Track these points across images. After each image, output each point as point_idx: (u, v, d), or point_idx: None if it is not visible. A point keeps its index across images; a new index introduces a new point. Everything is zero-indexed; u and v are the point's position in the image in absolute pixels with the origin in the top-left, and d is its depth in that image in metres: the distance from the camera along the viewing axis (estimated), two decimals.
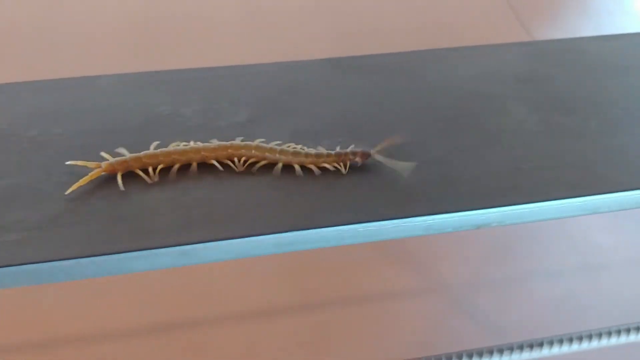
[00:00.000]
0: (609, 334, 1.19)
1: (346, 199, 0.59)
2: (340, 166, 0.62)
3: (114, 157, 0.60)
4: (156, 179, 0.60)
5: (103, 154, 0.61)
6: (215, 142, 0.62)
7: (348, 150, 0.63)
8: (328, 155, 0.62)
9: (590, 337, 1.18)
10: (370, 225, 0.57)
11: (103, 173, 0.59)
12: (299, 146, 0.63)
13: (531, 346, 1.18)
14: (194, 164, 0.61)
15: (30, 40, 1.94)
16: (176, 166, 0.61)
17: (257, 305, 1.28)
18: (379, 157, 0.62)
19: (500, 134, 0.68)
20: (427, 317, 1.28)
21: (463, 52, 0.84)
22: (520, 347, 1.17)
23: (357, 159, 0.62)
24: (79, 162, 0.60)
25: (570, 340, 1.18)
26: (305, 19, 2.10)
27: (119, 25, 2.03)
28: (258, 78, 0.76)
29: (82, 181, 0.58)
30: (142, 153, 0.61)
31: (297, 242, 0.57)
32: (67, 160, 0.60)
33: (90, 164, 0.60)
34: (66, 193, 0.58)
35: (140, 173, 0.60)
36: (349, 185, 0.61)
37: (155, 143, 0.62)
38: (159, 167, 0.60)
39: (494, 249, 1.42)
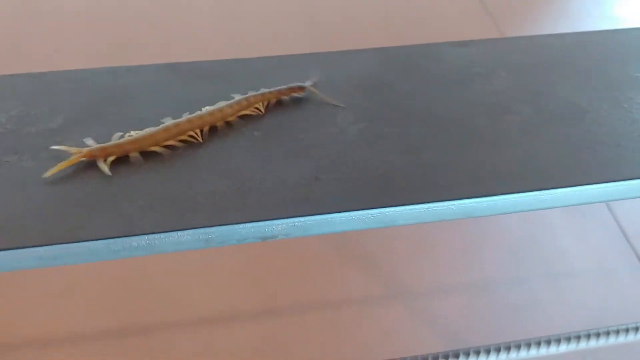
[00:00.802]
0: (568, 339, 1.18)
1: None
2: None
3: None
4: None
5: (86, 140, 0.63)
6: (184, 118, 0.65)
7: (286, 86, 0.70)
8: (270, 92, 0.69)
9: (549, 342, 1.18)
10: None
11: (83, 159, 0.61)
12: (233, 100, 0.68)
13: (488, 351, 1.17)
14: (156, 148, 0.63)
15: None
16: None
17: (215, 310, 1.27)
18: (313, 89, 0.70)
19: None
20: (386, 323, 1.27)
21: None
22: (477, 353, 1.16)
23: (296, 92, 0.70)
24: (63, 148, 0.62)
25: (529, 345, 1.18)
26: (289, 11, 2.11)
27: None
28: (84, 83, 0.74)
29: (61, 165, 0.60)
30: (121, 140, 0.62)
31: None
32: None
33: (71, 149, 0.62)
34: (45, 176, 0.59)
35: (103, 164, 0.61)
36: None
37: (119, 134, 0.64)
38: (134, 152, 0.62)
39: (458, 255, 1.42)
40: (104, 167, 0.60)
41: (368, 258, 1.39)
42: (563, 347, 1.17)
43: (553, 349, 1.16)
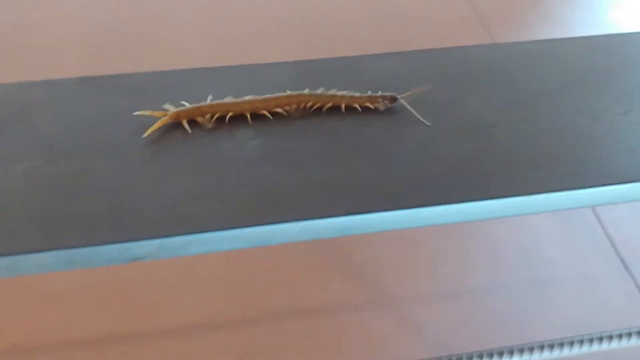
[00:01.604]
0: (552, 347, 1.18)
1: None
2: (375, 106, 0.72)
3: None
4: (211, 125, 0.68)
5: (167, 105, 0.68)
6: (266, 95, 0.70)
7: (378, 93, 0.72)
8: (360, 97, 0.71)
9: (532, 349, 1.18)
10: None
11: (170, 121, 0.67)
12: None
13: (471, 359, 1.17)
14: (248, 115, 0.69)
15: None
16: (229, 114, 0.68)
17: (197, 318, 1.28)
18: (404, 103, 0.72)
19: None
20: (370, 330, 1.27)
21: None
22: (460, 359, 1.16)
23: (386, 101, 0.72)
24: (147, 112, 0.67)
25: (511, 352, 1.18)
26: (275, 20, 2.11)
27: None
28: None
29: (155, 126, 0.66)
30: (201, 104, 0.68)
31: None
32: None
33: (156, 113, 0.67)
34: (143, 136, 0.65)
35: (200, 119, 0.68)
36: None
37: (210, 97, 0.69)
38: (216, 115, 0.68)
39: (443, 261, 1.42)
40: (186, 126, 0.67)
41: (352, 265, 1.39)
42: (547, 355, 1.17)
43: (536, 356, 1.17)
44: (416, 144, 0.68)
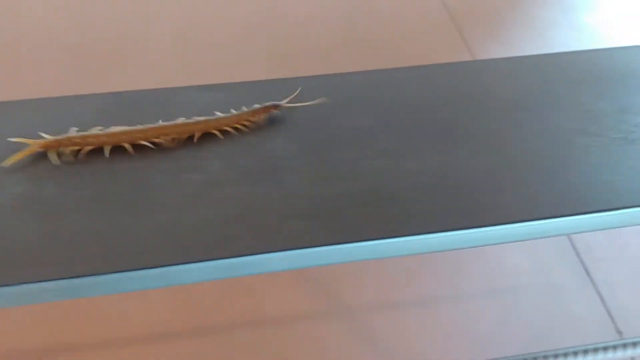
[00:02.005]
0: None
1: None
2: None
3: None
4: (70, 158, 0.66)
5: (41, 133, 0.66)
6: (140, 126, 0.68)
7: (259, 106, 0.70)
8: (247, 112, 0.69)
9: None
10: None
11: (39, 150, 0.66)
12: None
13: None
14: (127, 145, 0.67)
15: None
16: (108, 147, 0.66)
17: (149, 328, 1.25)
18: (289, 105, 0.70)
19: None
20: (325, 340, 1.24)
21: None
22: None
23: (270, 111, 0.70)
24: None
25: None
26: (245, 38, 2.08)
27: None
28: None
29: (19, 155, 0.65)
30: (71, 134, 0.66)
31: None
32: None
33: (28, 141, 0.66)
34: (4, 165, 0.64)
35: (67, 151, 0.66)
36: None
37: (75, 129, 0.67)
38: (86, 148, 0.66)
39: (402, 271, 1.39)
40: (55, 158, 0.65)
41: (309, 274, 1.36)
42: None
43: None
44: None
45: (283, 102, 0.71)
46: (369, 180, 0.63)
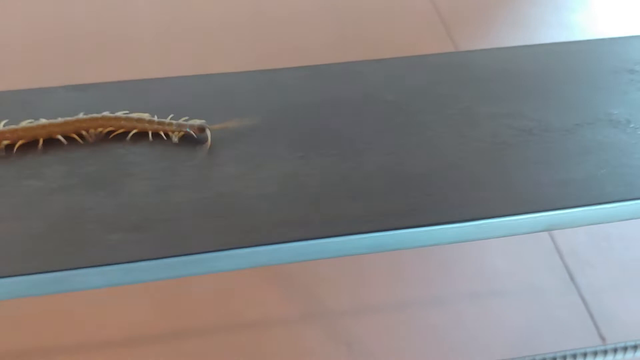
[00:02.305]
0: None
1: None
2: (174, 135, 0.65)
3: None
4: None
5: None
6: (61, 119, 0.65)
7: (187, 121, 0.65)
8: (169, 123, 0.65)
9: None
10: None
11: None
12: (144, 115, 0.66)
13: None
14: (41, 140, 0.63)
15: None
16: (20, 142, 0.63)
17: (124, 332, 1.22)
18: (213, 129, 0.65)
19: None
20: (302, 344, 1.21)
21: None
22: None
23: (194, 131, 0.65)
24: None
25: None
26: (226, 31, 2.05)
27: None
28: None
29: None
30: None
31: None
32: None
33: None
34: None
35: None
36: None
37: (4, 121, 0.64)
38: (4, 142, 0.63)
39: (380, 273, 1.35)
40: None
41: (287, 276, 1.33)
42: None
43: None
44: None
45: (214, 126, 0.66)
46: (215, 189, 0.59)
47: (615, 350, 1.05)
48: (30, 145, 0.64)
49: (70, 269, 0.51)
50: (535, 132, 0.68)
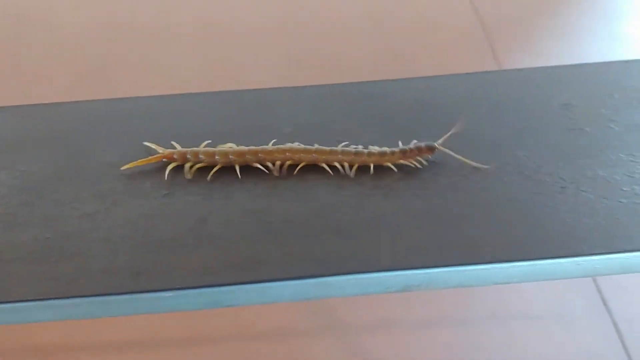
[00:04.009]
0: None
1: None
2: (411, 162, 0.62)
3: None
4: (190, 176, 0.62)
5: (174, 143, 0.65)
6: (271, 146, 0.63)
7: (412, 145, 0.62)
8: (392, 152, 0.61)
9: None
10: None
11: (164, 159, 0.64)
12: (353, 147, 0.63)
13: None
14: (237, 167, 0.62)
15: None
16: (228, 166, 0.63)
17: (139, 335, 1.20)
18: (445, 150, 0.61)
19: None
20: (314, 357, 1.17)
21: None
22: None
23: (424, 154, 0.62)
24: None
25: None
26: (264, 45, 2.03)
27: None
28: None
29: (140, 162, 0.63)
30: (201, 148, 0.64)
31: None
32: None
33: (158, 148, 0.64)
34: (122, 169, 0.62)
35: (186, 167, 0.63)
36: None
37: (206, 142, 0.64)
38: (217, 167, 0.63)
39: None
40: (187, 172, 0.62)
41: None
42: None
43: None
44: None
45: (437, 143, 0.62)
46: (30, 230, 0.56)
47: None
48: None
49: None
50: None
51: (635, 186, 0.58)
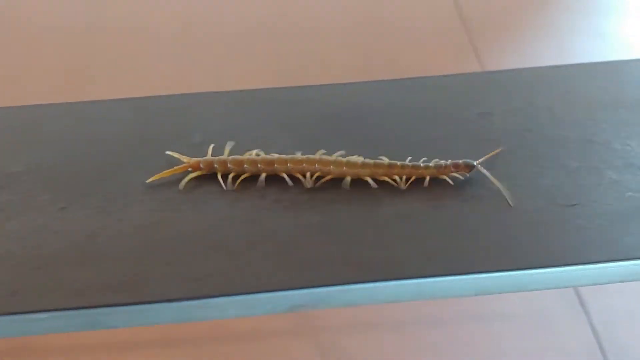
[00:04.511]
0: None
1: None
2: (447, 178, 0.60)
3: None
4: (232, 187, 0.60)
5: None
6: (300, 155, 0.61)
7: (449, 162, 0.59)
8: (426, 167, 0.59)
9: None
10: None
11: (189, 169, 0.62)
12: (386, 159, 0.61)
13: None
14: (262, 175, 0.60)
15: None
16: (263, 175, 0.60)
17: (109, 341, 1.19)
18: (483, 170, 0.59)
19: None
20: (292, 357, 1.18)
21: None
22: None
23: (460, 171, 0.60)
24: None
25: None
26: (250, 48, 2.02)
27: None
28: None
29: (165, 173, 0.61)
30: (229, 157, 0.62)
31: None
32: None
33: (183, 158, 0.62)
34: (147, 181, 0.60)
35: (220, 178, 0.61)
36: None
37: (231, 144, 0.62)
38: (243, 175, 0.61)
39: None
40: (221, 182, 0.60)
41: None
42: None
43: None
44: None
45: (477, 162, 0.60)
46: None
47: None
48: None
49: None
50: None
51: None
